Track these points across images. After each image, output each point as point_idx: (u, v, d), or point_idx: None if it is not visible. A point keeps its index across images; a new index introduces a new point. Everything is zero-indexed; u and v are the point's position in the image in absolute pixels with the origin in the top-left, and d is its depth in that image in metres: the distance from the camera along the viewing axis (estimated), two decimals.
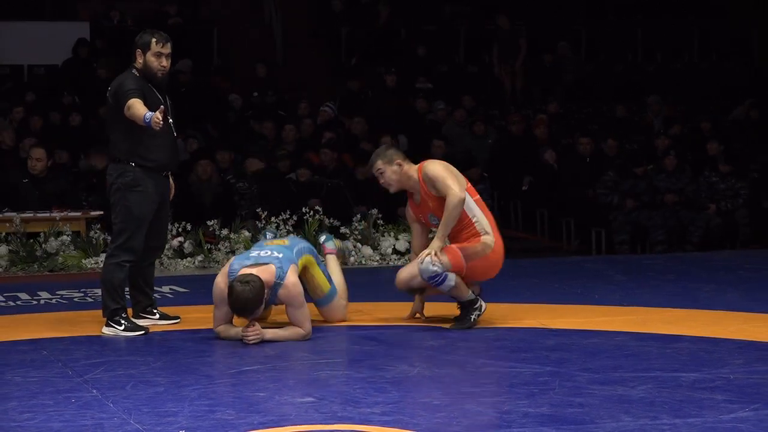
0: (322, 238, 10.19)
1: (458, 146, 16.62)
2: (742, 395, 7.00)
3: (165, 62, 9.12)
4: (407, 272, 9.24)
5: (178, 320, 9.53)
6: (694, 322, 9.41)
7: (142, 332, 9.05)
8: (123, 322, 9.09)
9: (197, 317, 9.79)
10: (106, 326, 9.11)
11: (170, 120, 9.12)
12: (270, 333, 8.59)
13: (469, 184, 9.26)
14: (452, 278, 8.93)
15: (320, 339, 8.83)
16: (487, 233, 9.19)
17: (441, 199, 8.90)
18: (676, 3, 21.45)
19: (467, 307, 9.15)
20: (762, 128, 17.74)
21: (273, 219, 13.56)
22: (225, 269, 8.68)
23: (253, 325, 8.50)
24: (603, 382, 7.39)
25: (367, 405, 6.94)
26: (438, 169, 9.06)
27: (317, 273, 9.26)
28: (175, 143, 9.45)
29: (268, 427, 6.43)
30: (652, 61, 20.76)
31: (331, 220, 13.73)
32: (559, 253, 15.07)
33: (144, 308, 9.47)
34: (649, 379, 7.45)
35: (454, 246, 9.06)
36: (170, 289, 11.50)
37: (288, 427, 6.46)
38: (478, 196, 9.31)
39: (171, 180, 9.48)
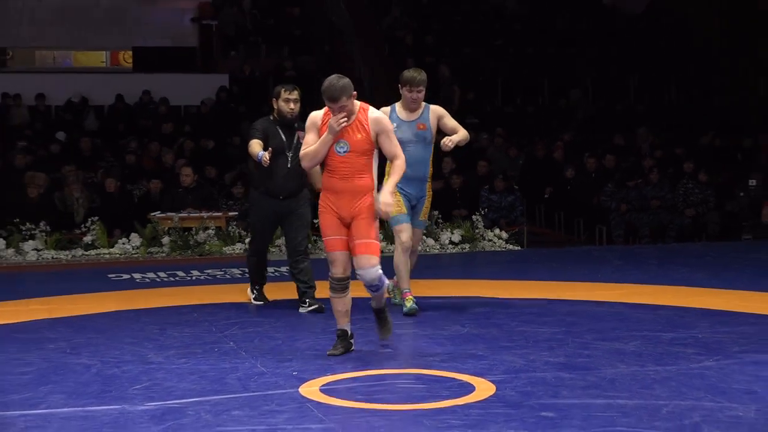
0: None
1: (497, 166, 16.54)
2: (707, 350, 6.96)
3: (292, 105, 8.71)
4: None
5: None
6: (671, 295, 9.34)
7: (264, 302, 9.12)
8: (255, 292, 9.17)
9: None
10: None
11: (289, 155, 8.69)
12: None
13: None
14: (386, 282, 7.03)
15: (395, 307, 8.83)
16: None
17: (368, 139, 6.73)
18: (658, 61, 21.31)
19: (385, 311, 7.18)
20: (723, 152, 17.62)
21: None
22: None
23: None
24: (604, 339, 7.36)
25: (429, 355, 6.95)
26: (389, 123, 6.88)
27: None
28: (289, 173, 8.67)
29: (358, 371, 6.46)
30: (641, 102, 20.60)
31: None
32: (572, 244, 14.99)
33: (300, 296, 8.88)
34: (638, 337, 7.42)
35: (376, 242, 6.83)
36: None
37: (372, 370, 6.48)
38: None
39: (305, 196, 8.88)
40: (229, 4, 21.97)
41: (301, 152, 6.91)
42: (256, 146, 8.54)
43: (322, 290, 8.30)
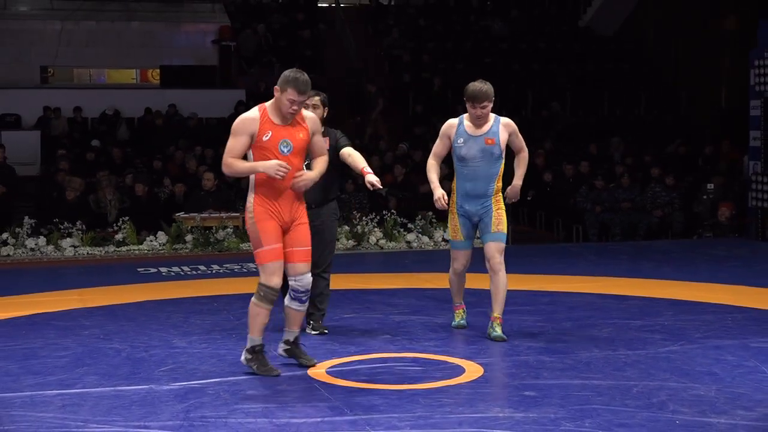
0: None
1: None
2: (673, 336, 6.95)
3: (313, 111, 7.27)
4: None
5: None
6: (640, 287, 9.33)
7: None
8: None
9: None
10: None
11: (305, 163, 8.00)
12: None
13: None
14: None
15: (394, 297, 8.83)
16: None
17: (308, 138, 5.98)
18: (628, 77, 21.34)
19: (300, 344, 6.25)
20: (686, 159, 17.60)
21: (364, 218, 13.50)
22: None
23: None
24: (580, 326, 7.36)
25: (425, 340, 6.94)
26: (319, 123, 6.21)
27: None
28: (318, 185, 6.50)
29: (360, 354, 6.44)
30: (614, 115, 20.59)
31: (402, 218, 13.68)
32: (551, 241, 14.96)
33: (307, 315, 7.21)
34: (610, 324, 7.41)
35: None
36: None
37: (373, 354, 6.47)
38: None
39: (331, 209, 7.43)
40: (246, 27, 21.98)
41: (226, 158, 6.05)
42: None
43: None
